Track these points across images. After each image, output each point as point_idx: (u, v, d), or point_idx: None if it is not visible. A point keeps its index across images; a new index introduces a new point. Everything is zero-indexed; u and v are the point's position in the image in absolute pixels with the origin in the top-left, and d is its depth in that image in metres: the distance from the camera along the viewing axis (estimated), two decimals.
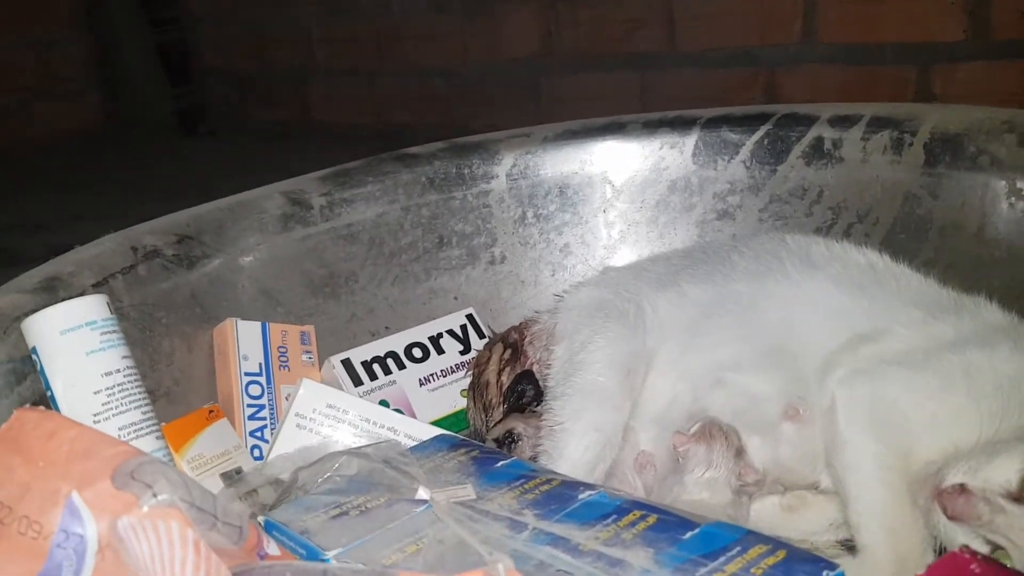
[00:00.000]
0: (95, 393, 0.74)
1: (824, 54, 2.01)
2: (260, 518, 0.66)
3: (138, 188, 2.44)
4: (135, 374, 0.77)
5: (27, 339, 0.76)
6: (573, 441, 0.78)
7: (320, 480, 0.70)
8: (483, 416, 0.95)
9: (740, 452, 0.76)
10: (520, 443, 0.85)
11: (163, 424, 0.81)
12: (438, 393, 1.03)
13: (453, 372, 1.05)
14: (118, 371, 0.76)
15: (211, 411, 0.86)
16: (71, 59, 3.20)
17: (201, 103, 3.19)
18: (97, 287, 0.87)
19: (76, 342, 0.75)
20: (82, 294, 0.83)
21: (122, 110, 3.26)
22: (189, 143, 3.09)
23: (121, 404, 0.75)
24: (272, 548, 0.52)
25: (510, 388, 0.96)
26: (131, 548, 0.42)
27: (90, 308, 0.76)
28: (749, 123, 1.13)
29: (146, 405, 0.77)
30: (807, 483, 0.82)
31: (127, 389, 0.75)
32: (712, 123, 1.15)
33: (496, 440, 0.87)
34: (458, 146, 1.19)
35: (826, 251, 0.89)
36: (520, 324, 1.02)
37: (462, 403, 1.03)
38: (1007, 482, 0.62)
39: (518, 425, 0.87)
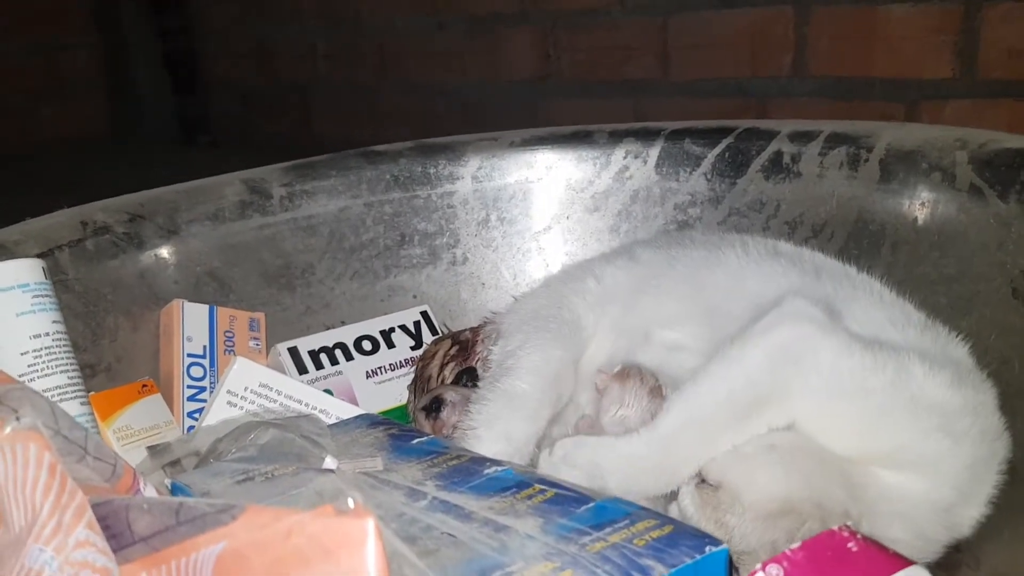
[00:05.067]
0: (22, 354, 0.75)
1: (814, 87, 2.02)
2: (167, 481, 0.67)
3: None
4: (65, 340, 0.78)
5: None
6: (482, 448, 0.76)
7: (235, 450, 0.71)
8: None
9: (655, 392, 0.76)
10: (446, 409, 0.85)
11: (93, 393, 0.81)
12: (384, 386, 1.03)
13: (401, 367, 1.05)
14: (47, 334, 0.76)
15: (144, 385, 0.86)
16: (79, 64, 3.24)
17: (204, 113, 3.22)
18: (42, 257, 0.88)
19: (6, 303, 0.75)
20: None
21: (127, 117, 3.29)
22: (191, 153, 3.11)
23: (47, 367, 0.75)
24: (149, 491, 0.52)
25: (452, 383, 0.96)
26: None
27: (23, 271, 0.77)
28: (712, 136, 1.13)
29: (73, 370, 0.77)
30: None
31: (54, 353, 0.76)
32: (676, 135, 1.16)
33: (424, 408, 0.87)
34: (425, 146, 1.20)
35: (793, 247, 0.90)
36: (477, 326, 1.02)
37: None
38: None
39: (448, 393, 0.87)
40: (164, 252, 1.00)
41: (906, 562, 0.48)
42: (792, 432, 0.69)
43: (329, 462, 0.65)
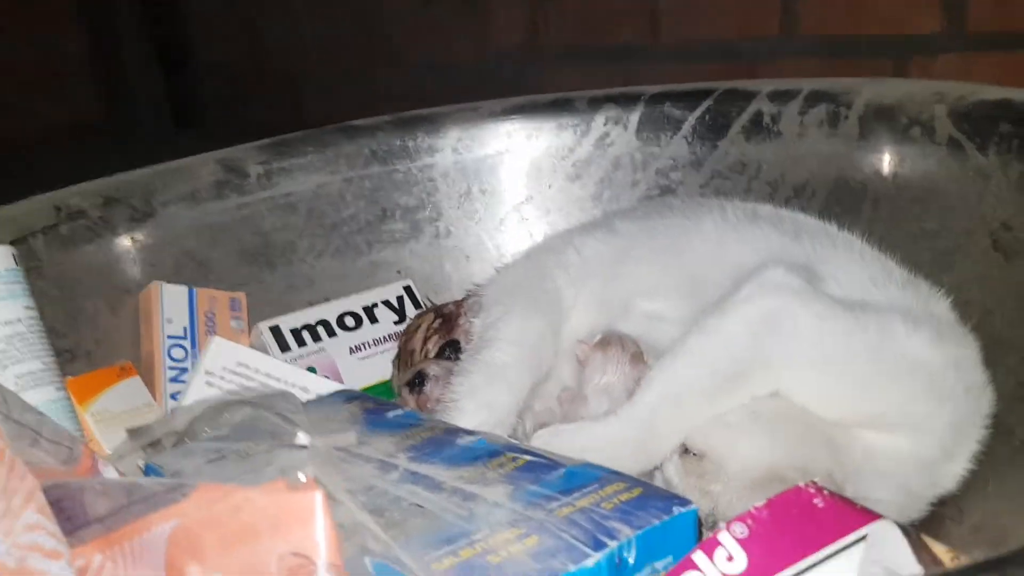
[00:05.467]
0: None
1: (803, 47, 2.00)
2: (141, 462, 0.66)
3: None
4: (37, 325, 0.78)
5: None
6: (464, 419, 0.76)
7: (209, 429, 0.70)
8: None
9: (637, 358, 0.75)
10: (429, 383, 0.85)
11: (70, 378, 0.81)
12: (368, 362, 1.03)
13: (385, 342, 1.04)
14: (19, 320, 0.76)
15: (122, 368, 0.86)
16: (72, 56, 3.22)
17: (197, 101, 3.20)
18: (16, 244, 0.87)
19: None
20: None
21: (121, 108, 3.28)
22: (184, 140, 3.09)
23: (20, 352, 0.75)
24: (109, 472, 0.52)
25: (436, 356, 0.96)
26: None
27: None
28: (691, 99, 1.12)
29: (47, 356, 0.77)
30: None
31: (27, 339, 0.76)
32: (655, 99, 1.14)
33: (408, 383, 0.87)
34: (403, 119, 1.19)
35: (772, 208, 0.89)
36: (460, 299, 1.02)
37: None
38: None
39: (430, 367, 0.87)
40: (141, 235, 0.99)
41: (873, 516, 0.47)
42: (775, 398, 0.68)
43: (301, 438, 0.64)
